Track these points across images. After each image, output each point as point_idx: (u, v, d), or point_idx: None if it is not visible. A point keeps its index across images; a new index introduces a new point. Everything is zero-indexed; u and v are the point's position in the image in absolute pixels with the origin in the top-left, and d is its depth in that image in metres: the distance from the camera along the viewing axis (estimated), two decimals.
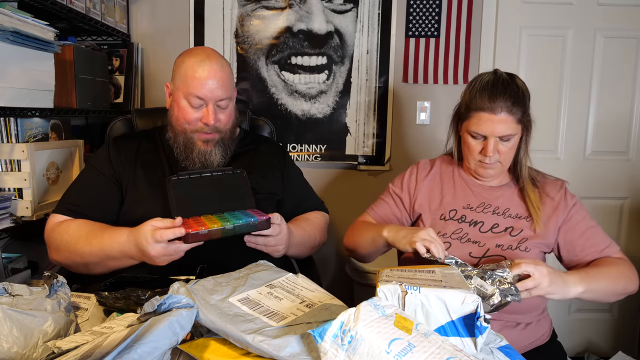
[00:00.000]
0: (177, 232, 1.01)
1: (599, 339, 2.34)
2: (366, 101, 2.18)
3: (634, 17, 2.16)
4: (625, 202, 2.27)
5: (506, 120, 1.16)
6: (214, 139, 1.28)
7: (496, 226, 1.23)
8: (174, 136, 1.30)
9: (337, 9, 2.12)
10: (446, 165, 1.35)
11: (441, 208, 1.28)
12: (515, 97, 1.16)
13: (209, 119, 1.23)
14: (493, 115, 1.15)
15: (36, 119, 1.50)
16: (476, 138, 1.21)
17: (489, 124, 1.16)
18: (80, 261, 1.15)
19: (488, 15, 2.14)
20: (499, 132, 1.16)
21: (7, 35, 1.24)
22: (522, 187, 1.26)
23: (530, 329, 1.21)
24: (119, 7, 2.02)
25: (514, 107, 1.15)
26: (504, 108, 1.15)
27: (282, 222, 1.15)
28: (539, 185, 1.27)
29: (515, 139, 1.20)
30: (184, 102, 1.24)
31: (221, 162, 1.30)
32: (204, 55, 1.24)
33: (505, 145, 1.19)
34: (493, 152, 1.19)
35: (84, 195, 1.25)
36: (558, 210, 1.23)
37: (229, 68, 1.29)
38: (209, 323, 0.70)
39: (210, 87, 1.22)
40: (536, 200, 1.23)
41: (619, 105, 2.22)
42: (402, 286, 0.74)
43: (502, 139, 1.18)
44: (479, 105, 1.17)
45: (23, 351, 0.72)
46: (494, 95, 1.16)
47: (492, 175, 1.26)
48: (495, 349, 0.75)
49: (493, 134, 1.17)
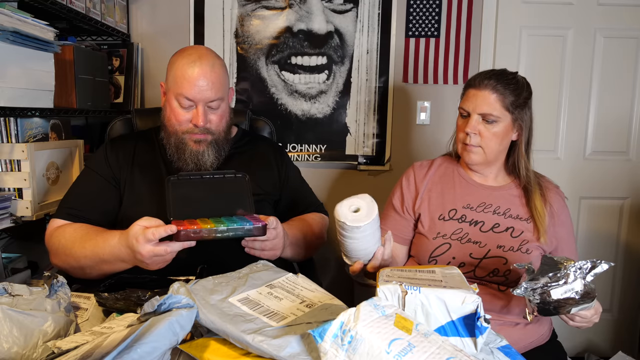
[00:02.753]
0: (168, 229, 0.98)
1: (599, 339, 2.34)
2: (366, 101, 2.17)
3: (634, 17, 2.16)
4: (625, 202, 2.27)
5: (489, 97, 1.19)
6: (206, 139, 1.26)
7: (497, 226, 1.23)
8: (167, 137, 1.29)
9: (337, 9, 2.12)
10: (446, 165, 1.35)
11: (440, 208, 1.27)
12: (504, 80, 1.20)
13: (198, 120, 1.22)
14: (478, 90, 1.21)
15: (36, 119, 1.50)
16: (463, 116, 1.25)
17: (473, 99, 1.21)
18: (76, 265, 1.15)
19: (488, 15, 2.14)
20: (481, 107, 1.19)
21: (7, 35, 1.24)
22: (525, 189, 1.26)
23: (531, 329, 1.21)
24: (119, 7, 2.02)
25: (499, 86, 1.19)
26: (488, 85, 1.19)
27: (278, 225, 1.14)
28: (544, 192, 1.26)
29: (501, 127, 1.20)
30: (175, 103, 1.24)
31: (215, 163, 1.29)
32: (195, 55, 1.23)
33: (487, 128, 1.20)
34: (473, 130, 1.20)
35: (82, 199, 1.25)
36: (555, 219, 1.25)
37: (222, 68, 1.27)
38: (209, 323, 0.70)
39: (199, 89, 1.21)
40: (542, 211, 1.23)
41: (619, 105, 2.22)
42: (402, 286, 0.74)
43: (485, 118, 1.20)
44: (470, 83, 1.25)
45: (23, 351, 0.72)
46: (485, 74, 1.23)
47: (476, 161, 1.24)
48: (495, 349, 0.75)
49: (475, 110, 1.20)
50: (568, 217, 1.29)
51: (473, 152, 1.23)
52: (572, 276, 0.90)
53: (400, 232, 1.31)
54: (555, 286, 0.90)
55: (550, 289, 0.90)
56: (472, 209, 1.26)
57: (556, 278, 0.90)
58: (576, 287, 0.90)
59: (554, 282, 0.90)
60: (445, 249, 1.21)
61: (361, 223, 0.94)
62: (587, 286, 0.90)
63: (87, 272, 1.15)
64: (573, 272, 0.90)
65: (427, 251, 1.24)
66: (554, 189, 1.30)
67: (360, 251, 1.01)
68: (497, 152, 1.24)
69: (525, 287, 0.91)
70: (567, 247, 1.27)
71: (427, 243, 1.24)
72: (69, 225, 1.20)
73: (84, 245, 1.12)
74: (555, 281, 0.90)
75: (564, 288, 0.90)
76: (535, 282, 0.91)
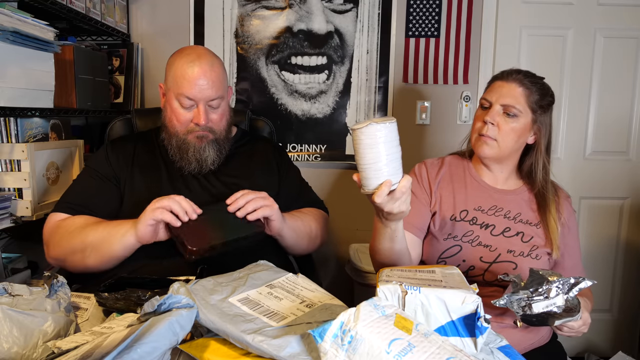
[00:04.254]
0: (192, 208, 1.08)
1: (599, 339, 2.34)
2: (366, 101, 2.17)
3: (634, 17, 2.16)
4: (625, 202, 2.27)
5: (515, 90, 1.19)
6: (208, 137, 1.27)
7: (507, 230, 1.22)
8: (168, 137, 1.29)
9: (337, 9, 2.12)
10: (456, 165, 1.32)
11: (452, 208, 1.25)
12: (532, 77, 1.21)
13: (200, 119, 1.23)
14: (505, 82, 1.21)
15: (36, 119, 1.50)
16: (483, 107, 1.23)
17: (498, 89, 1.21)
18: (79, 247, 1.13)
19: (488, 15, 2.14)
20: (505, 98, 1.19)
21: (7, 35, 1.24)
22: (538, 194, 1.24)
23: (531, 330, 1.21)
24: (119, 7, 2.02)
25: (526, 81, 1.19)
26: (516, 79, 1.20)
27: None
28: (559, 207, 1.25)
29: (520, 124, 1.19)
30: (176, 103, 1.24)
31: (216, 161, 1.29)
32: (194, 55, 1.24)
33: (507, 122, 1.18)
34: (492, 119, 1.19)
35: (83, 195, 1.25)
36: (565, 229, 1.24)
37: (221, 67, 1.28)
38: (209, 323, 0.70)
39: (200, 88, 1.21)
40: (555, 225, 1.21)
41: (619, 105, 2.22)
42: (402, 286, 0.74)
43: (506, 111, 1.19)
44: (496, 76, 1.25)
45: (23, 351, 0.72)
46: (514, 69, 1.23)
47: (488, 154, 1.21)
48: (496, 349, 0.75)
49: (498, 100, 1.19)
50: (575, 224, 1.29)
51: (487, 144, 1.20)
52: (554, 291, 0.92)
53: (421, 221, 1.24)
54: (537, 300, 0.92)
55: (532, 302, 0.92)
56: (484, 212, 1.24)
57: (537, 293, 0.92)
58: (558, 302, 0.92)
59: (536, 296, 0.92)
60: (455, 251, 1.20)
61: (385, 122, 0.85)
62: (569, 301, 0.92)
63: (86, 256, 1.14)
64: (555, 287, 0.92)
65: (437, 252, 1.22)
66: (564, 198, 1.28)
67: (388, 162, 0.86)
68: (511, 150, 1.22)
69: (508, 299, 0.93)
70: (572, 252, 1.26)
71: (437, 244, 1.23)
72: (72, 217, 1.20)
73: (96, 227, 1.14)
74: (538, 295, 0.92)
75: (545, 303, 0.92)
76: (516, 294, 0.93)
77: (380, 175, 0.86)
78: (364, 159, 0.86)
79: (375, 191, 0.87)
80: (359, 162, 0.88)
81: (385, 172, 0.86)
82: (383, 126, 0.84)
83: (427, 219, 1.25)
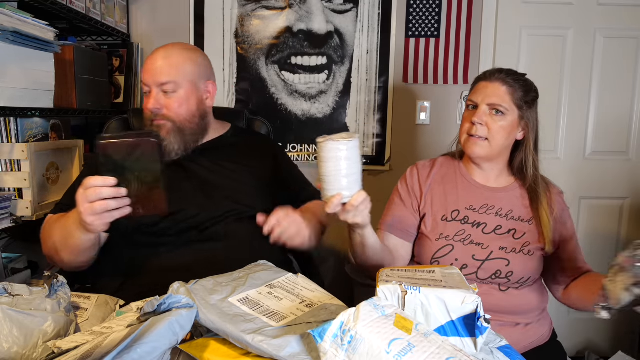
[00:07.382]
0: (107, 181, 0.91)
1: (599, 339, 2.34)
2: (366, 101, 2.17)
3: (634, 17, 2.16)
4: (625, 202, 2.27)
5: (500, 89, 1.21)
6: (165, 125, 1.23)
7: (499, 228, 1.23)
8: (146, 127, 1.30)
9: (337, 9, 2.12)
10: (447, 166, 1.34)
11: (443, 209, 1.26)
12: (514, 76, 1.23)
13: (147, 103, 1.23)
14: (488, 82, 1.23)
15: (36, 119, 1.50)
16: (470, 108, 1.25)
17: (482, 90, 1.23)
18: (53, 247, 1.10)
19: (488, 15, 2.14)
20: (490, 98, 1.20)
21: (7, 35, 1.24)
22: (530, 189, 1.26)
23: (531, 329, 1.21)
24: (119, 7, 2.02)
25: (509, 80, 1.21)
26: (499, 78, 1.22)
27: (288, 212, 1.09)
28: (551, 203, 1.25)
29: (508, 121, 1.20)
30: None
31: (180, 151, 1.25)
32: (162, 47, 1.27)
33: (495, 120, 1.20)
34: (480, 119, 1.20)
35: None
36: (557, 224, 1.25)
37: (185, 56, 1.25)
38: (209, 323, 0.70)
39: (152, 72, 1.22)
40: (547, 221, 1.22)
41: (619, 105, 2.22)
42: (402, 286, 0.74)
43: (493, 109, 1.20)
44: (480, 77, 1.27)
45: (23, 351, 0.72)
46: (496, 69, 1.25)
47: (479, 154, 1.22)
48: (495, 349, 0.75)
49: (484, 101, 1.21)
50: (570, 219, 1.30)
51: (478, 145, 1.21)
52: None
53: (404, 226, 1.28)
54: None
55: None
56: (475, 211, 1.25)
57: None
58: None
59: None
60: (448, 251, 1.21)
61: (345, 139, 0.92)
62: None
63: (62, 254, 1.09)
64: None
65: (429, 252, 1.23)
66: (557, 194, 1.29)
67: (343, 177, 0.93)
68: (502, 147, 1.23)
69: None
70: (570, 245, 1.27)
71: (430, 244, 1.24)
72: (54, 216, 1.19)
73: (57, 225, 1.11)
74: None
75: None
76: None
77: (335, 188, 0.94)
78: (322, 171, 0.95)
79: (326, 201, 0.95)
80: (318, 173, 0.96)
81: (339, 185, 0.93)
82: (341, 143, 0.92)
83: (412, 223, 1.29)
